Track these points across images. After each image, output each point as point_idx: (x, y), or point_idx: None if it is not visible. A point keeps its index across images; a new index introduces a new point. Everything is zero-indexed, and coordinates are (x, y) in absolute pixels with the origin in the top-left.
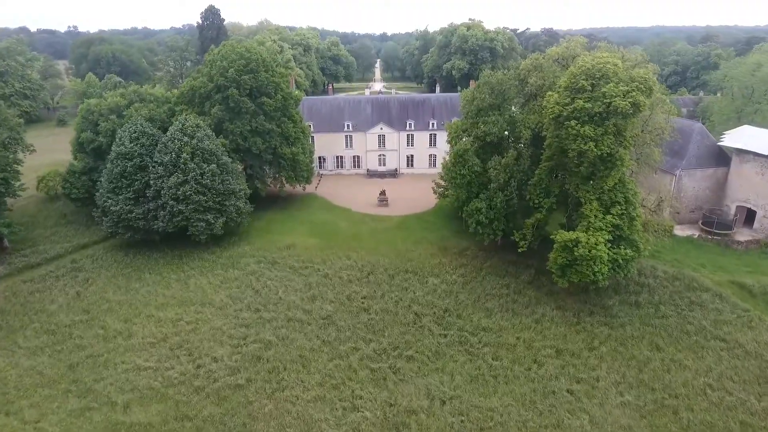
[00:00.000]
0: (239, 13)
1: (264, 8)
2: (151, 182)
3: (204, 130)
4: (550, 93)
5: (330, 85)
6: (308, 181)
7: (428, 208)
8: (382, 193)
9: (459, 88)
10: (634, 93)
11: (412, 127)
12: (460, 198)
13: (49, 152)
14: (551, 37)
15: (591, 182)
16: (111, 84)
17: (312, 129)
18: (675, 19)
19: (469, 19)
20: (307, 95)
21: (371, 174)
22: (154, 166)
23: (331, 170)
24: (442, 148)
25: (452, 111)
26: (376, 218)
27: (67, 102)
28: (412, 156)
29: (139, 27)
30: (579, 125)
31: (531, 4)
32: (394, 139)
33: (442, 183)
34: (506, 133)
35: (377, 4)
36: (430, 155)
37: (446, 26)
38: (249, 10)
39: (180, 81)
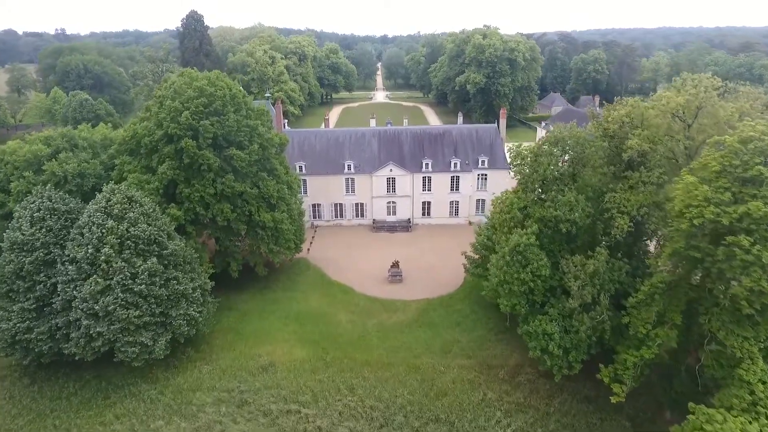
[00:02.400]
0: (232, 16)
1: (260, 10)
2: (59, 286)
3: (140, 207)
4: (690, 180)
5: (327, 116)
6: (296, 250)
7: (455, 285)
8: (395, 265)
9: (473, 102)
10: None
11: (429, 168)
12: (516, 308)
13: None
14: (569, 43)
15: (753, 325)
16: (76, 102)
17: (303, 170)
18: (682, 21)
19: (484, 26)
20: (302, 110)
21: (378, 226)
22: (64, 263)
23: (328, 220)
24: (467, 193)
25: (479, 147)
26: (387, 305)
27: (31, 120)
28: (428, 203)
29: (131, 29)
30: (755, 246)
31: (533, 6)
32: (407, 182)
33: (476, 256)
34: (587, 216)
35: (377, 5)
36: (452, 202)
37: (458, 32)
38: (243, 13)
39: None
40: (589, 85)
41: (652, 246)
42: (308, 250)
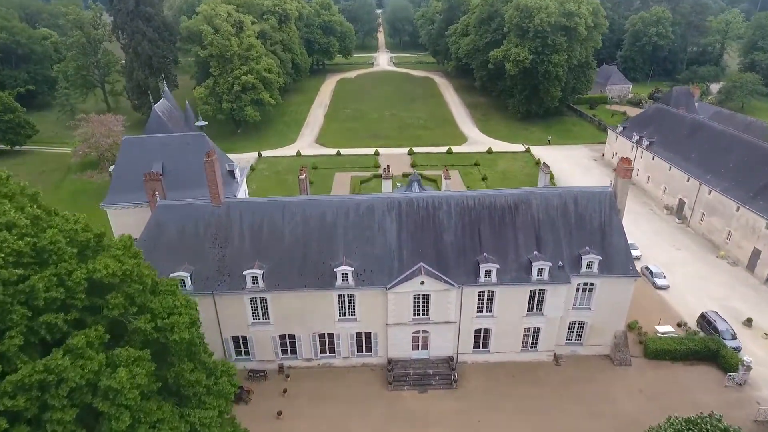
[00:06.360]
0: None
1: None
2: None
3: None
4: None
5: (302, 173)
6: None
7: None
8: None
9: (510, 83)
10: None
11: (493, 277)
12: None
13: None
14: (615, 4)
15: None
16: None
17: (260, 283)
18: None
19: None
20: (282, 93)
21: (397, 377)
22: None
23: (308, 359)
24: (556, 314)
25: (581, 232)
26: None
27: None
28: (486, 331)
29: None
30: None
31: None
32: (451, 301)
33: None
34: None
35: None
36: (528, 330)
37: None
38: None
39: (96, 76)
40: (647, 52)
41: None
42: None
